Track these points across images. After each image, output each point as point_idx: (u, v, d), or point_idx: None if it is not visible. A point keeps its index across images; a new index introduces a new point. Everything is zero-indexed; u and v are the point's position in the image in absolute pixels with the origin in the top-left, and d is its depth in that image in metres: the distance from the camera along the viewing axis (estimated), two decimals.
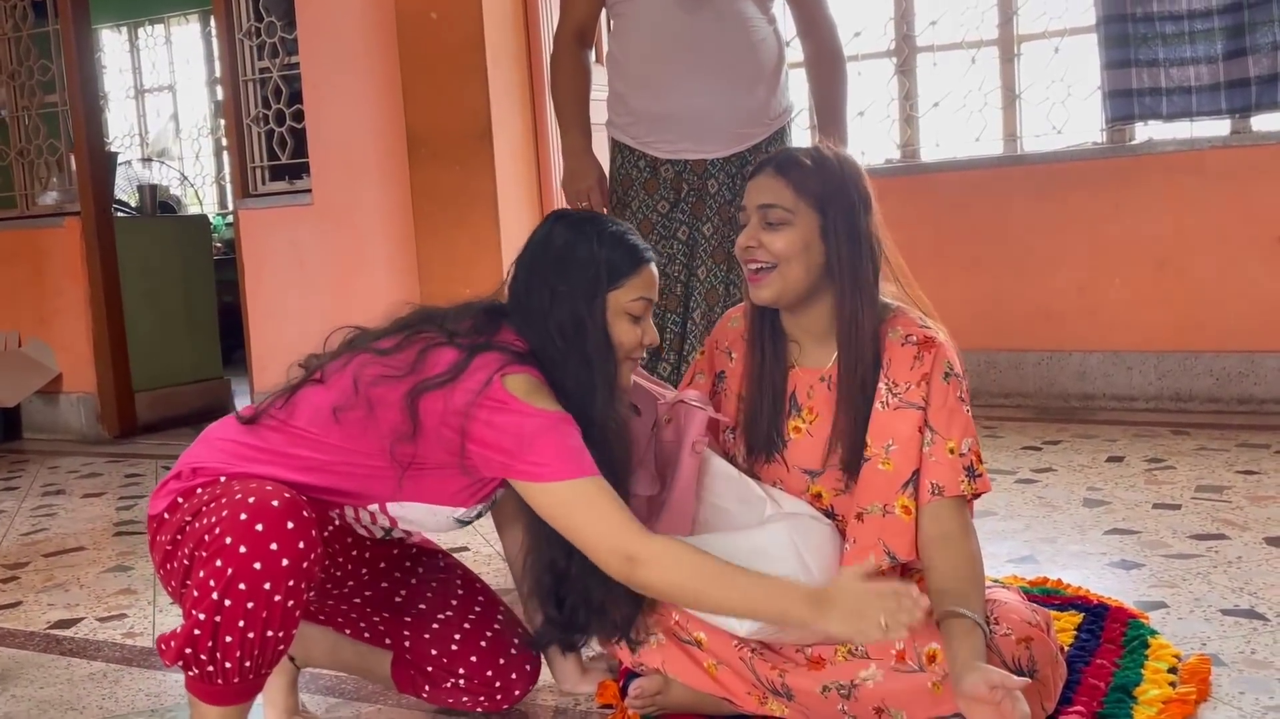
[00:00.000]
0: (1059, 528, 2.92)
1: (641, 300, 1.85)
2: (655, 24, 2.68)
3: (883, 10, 4.89)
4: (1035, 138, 4.70)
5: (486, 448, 1.71)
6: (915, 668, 1.72)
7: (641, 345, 1.87)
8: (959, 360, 1.92)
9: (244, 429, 1.81)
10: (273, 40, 4.88)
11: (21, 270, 5.50)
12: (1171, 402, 4.34)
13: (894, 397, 1.88)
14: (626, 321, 1.84)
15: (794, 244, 1.86)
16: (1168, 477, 3.34)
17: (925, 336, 1.90)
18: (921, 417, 1.87)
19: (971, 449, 1.86)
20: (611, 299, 1.82)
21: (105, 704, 2.20)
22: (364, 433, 1.75)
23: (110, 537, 3.54)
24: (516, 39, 4.20)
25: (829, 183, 1.89)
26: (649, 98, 2.70)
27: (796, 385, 1.98)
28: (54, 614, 2.80)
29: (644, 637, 1.89)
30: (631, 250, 1.85)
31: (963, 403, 1.87)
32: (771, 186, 1.90)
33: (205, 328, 5.88)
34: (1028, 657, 1.68)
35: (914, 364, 1.88)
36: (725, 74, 2.67)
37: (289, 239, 4.78)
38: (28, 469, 4.76)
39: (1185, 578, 2.48)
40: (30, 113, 5.63)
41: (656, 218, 2.73)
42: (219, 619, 1.59)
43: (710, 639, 1.85)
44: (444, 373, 1.74)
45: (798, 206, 1.87)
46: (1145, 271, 4.37)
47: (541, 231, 1.91)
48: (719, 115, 2.67)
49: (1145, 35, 4.23)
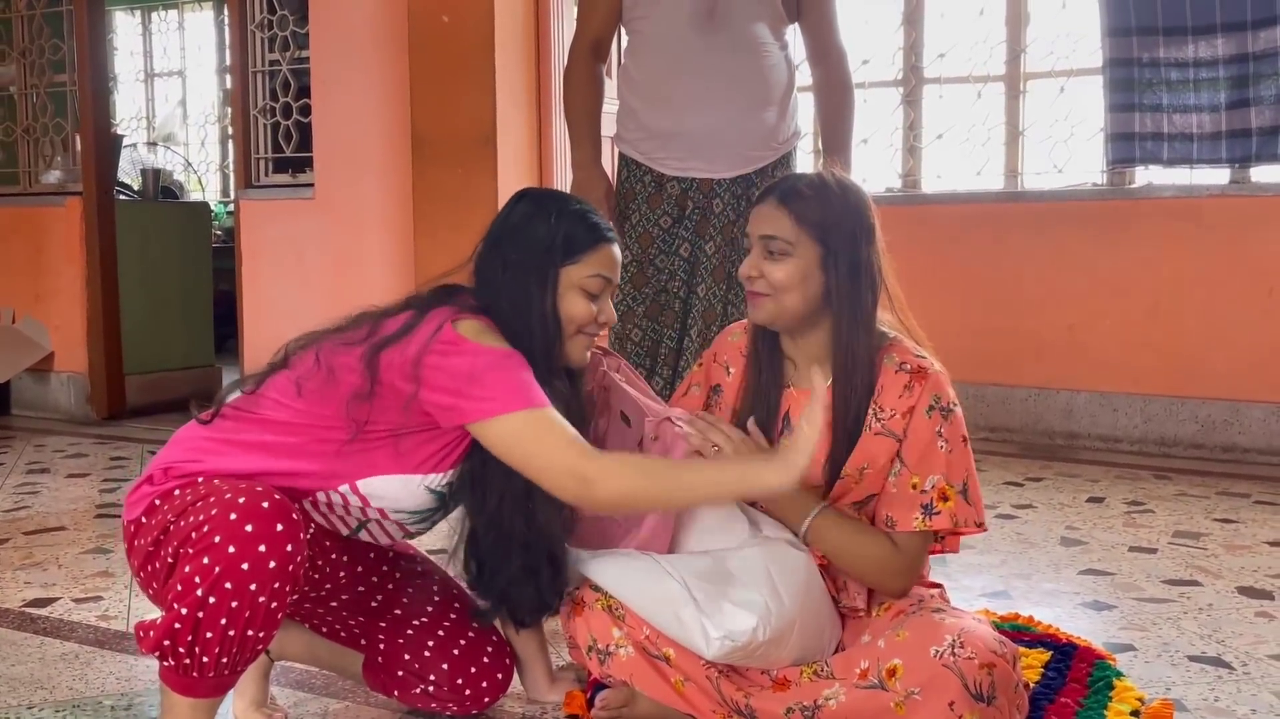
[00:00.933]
0: (1034, 565, 2.93)
1: (598, 278, 1.86)
2: (670, 43, 2.70)
3: (892, 41, 4.92)
4: (1036, 175, 4.74)
5: (438, 391, 1.72)
6: (876, 683, 1.73)
7: (596, 322, 1.88)
8: (951, 393, 1.93)
9: (209, 427, 1.83)
10: (284, 33, 4.90)
11: (20, 247, 5.50)
12: (1155, 445, 4.36)
13: (878, 422, 1.91)
14: (580, 296, 1.85)
15: (792, 276, 1.89)
16: (1146, 520, 3.36)
17: (919, 367, 1.92)
18: (896, 447, 1.89)
19: (936, 487, 1.87)
20: (565, 273, 1.84)
21: (75, 685, 2.21)
22: (325, 400, 1.78)
23: (92, 518, 3.54)
24: (526, 46, 4.22)
25: (830, 213, 1.91)
26: (660, 115, 2.72)
27: (791, 406, 2.00)
28: (30, 593, 2.80)
29: (569, 606, 1.93)
30: (591, 228, 1.88)
31: (939, 438, 1.89)
32: (773, 217, 1.92)
33: (200, 314, 5.88)
34: (989, 683, 1.69)
35: (903, 393, 1.90)
36: (736, 96, 2.70)
37: (288, 232, 4.80)
38: (14, 446, 4.76)
39: (1155, 622, 2.50)
40: (38, 91, 5.65)
41: (658, 232, 2.75)
42: (201, 615, 1.60)
43: (678, 656, 1.85)
44: (399, 329, 1.77)
45: (798, 238, 1.90)
46: (1137, 315, 4.40)
47: (506, 207, 1.93)
48: (728, 136, 2.69)
49: (1150, 80, 4.26)
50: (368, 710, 2.07)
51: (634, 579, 1.86)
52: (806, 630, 1.84)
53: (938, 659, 1.70)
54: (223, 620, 1.60)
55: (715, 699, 1.85)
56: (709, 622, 1.77)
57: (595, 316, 1.88)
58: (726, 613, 1.77)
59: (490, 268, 1.87)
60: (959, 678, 1.68)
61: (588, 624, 1.91)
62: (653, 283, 2.76)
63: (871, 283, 1.93)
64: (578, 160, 2.81)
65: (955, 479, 1.89)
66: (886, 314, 1.99)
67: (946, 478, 1.88)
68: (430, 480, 1.84)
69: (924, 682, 1.69)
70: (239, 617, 1.61)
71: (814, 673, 1.81)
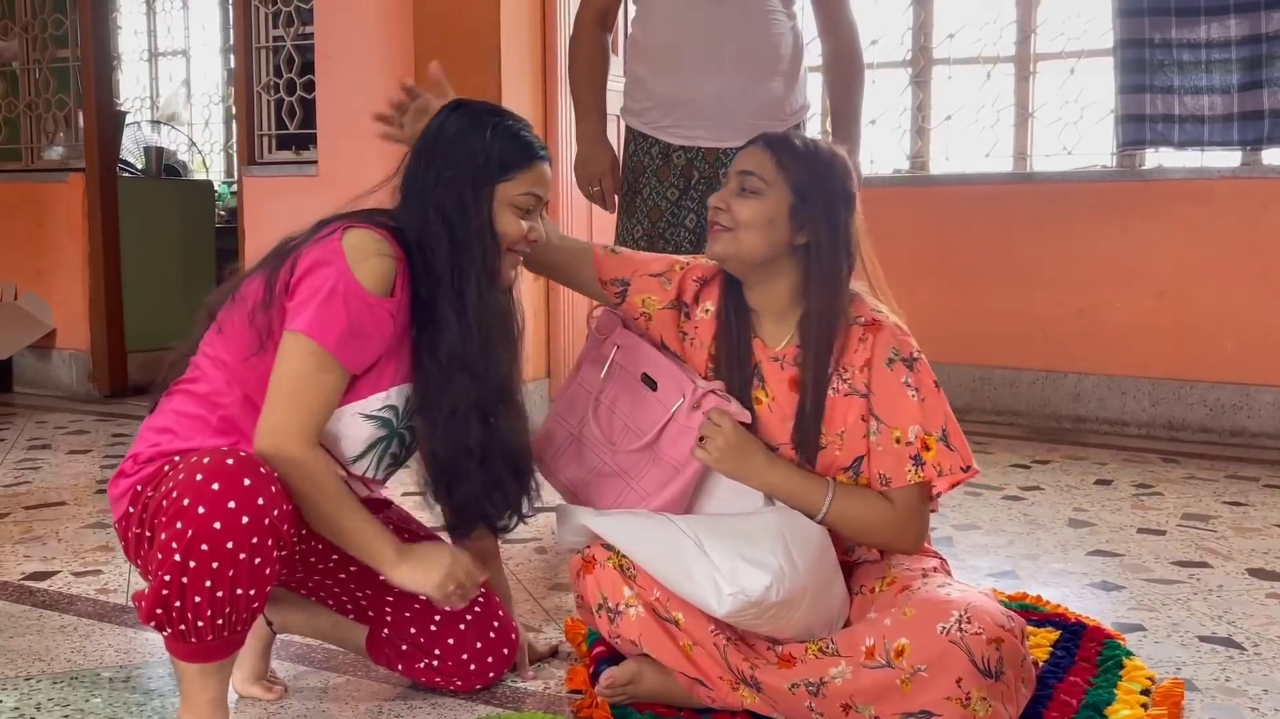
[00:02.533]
0: (1042, 546, 2.91)
1: (530, 195, 1.87)
2: (678, 10, 2.68)
3: (901, 21, 4.88)
4: (1045, 157, 4.70)
5: (295, 295, 1.73)
6: (883, 663, 1.70)
7: (526, 239, 1.88)
8: (911, 344, 1.92)
9: (164, 410, 1.82)
10: (288, 9, 4.86)
11: (23, 224, 5.48)
12: (1164, 429, 4.33)
13: (843, 383, 1.91)
14: (512, 214, 1.86)
15: (758, 215, 1.89)
16: (1155, 503, 3.34)
17: (871, 319, 1.92)
18: (865, 405, 1.89)
19: (919, 437, 1.87)
20: (500, 190, 1.84)
21: (74, 658, 2.19)
22: (242, 331, 1.77)
23: (92, 494, 3.52)
24: (532, 22, 4.19)
25: (813, 170, 1.91)
26: (668, 81, 2.69)
27: (760, 359, 1.99)
28: (30, 566, 2.78)
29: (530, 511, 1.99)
30: (525, 146, 1.87)
31: (908, 388, 1.87)
32: (756, 156, 1.93)
33: (202, 293, 5.68)
34: (996, 658, 1.66)
35: (859, 347, 1.90)
36: (745, 63, 2.67)
37: (291, 208, 4.74)
38: (15, 422, 4.74)
39: (1165, 603, 2.47)
40: (41, 66, 5.61)
41: (666, 204, 2.72)
42: (185, 580, 1.58)
43: (688, 620, 1.83)
44: (298, 240, 1.80)
45: (775, 181, 1.90)
46: (1146, 298, 4.36)
47: (436, 120, 1.91)
48: (735, 104, 2.66)
49: (1162, 62, 4.22)
50: (368, 684, 2.05)
51: (647, 536, 1.85)
52: (818, 600, 1.82)
53: (944, 636, 1.67)
54: (207, 582, 1.58)
55: (722, 666, 1.82)
56: (721, 577, 1.75)
57: (526, 234, 1.88)
58: (740, 570, 1.75)
59: (420, 181, 1.86)
60: (966, 654, 1.65)
61: (598, 582, 1.89)
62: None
63: (848, 249, 1.92)
64: (582, 132, 2.78)
65: (933, 426, 1.88)
66: (861, 285, 1.98)
67: (924, 426, 1.87)
68: (363, 407, 1.81)
69: (931, 659, 1.66)
70: (223, 576, 1.59)
71: (819, 650, 1.78)
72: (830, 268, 1.91)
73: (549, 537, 2.96)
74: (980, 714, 1.65)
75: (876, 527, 1.92)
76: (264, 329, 1.75)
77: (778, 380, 1.97)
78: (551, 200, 4.21)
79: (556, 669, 2.11)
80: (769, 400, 1.98)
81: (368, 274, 1.73)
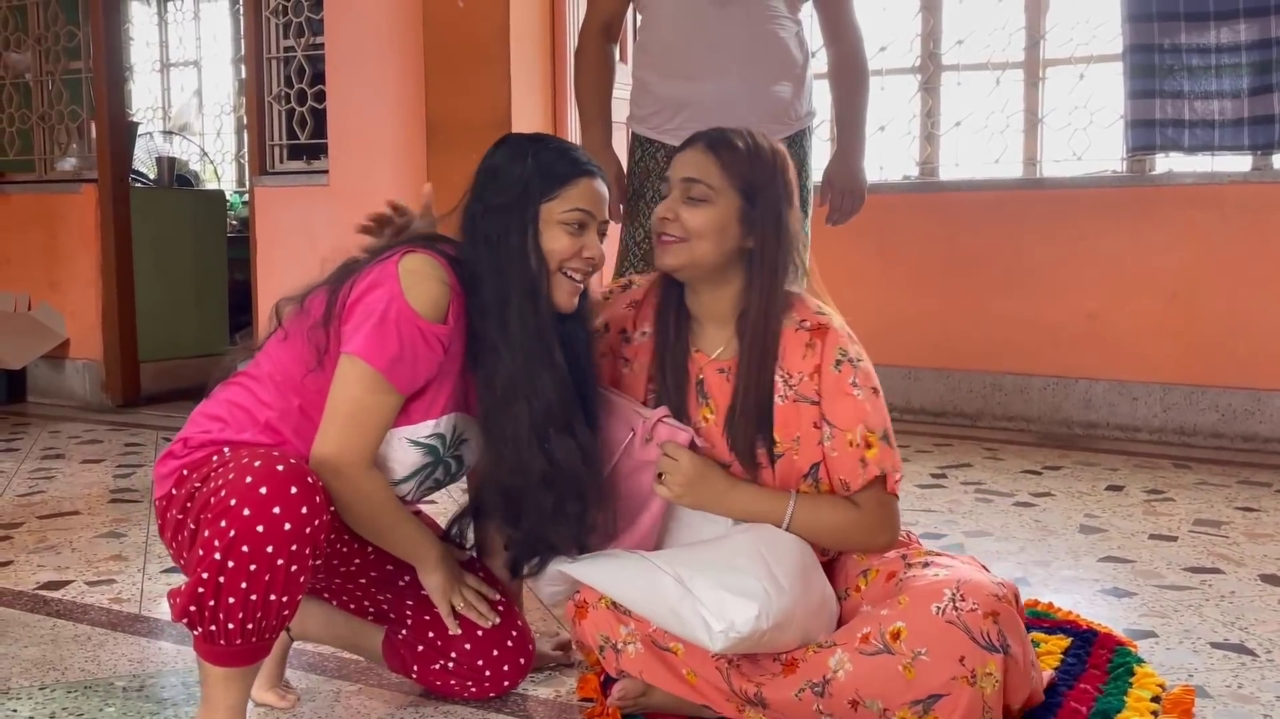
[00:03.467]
0: (1054, 552, 2.91)
1: (577, 211, 1.84)
2: (684, 15, 2.69)
3: (910, 27, 4.89)
4: (1055, 163, 4.70)
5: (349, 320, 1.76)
6: (881, 648, 1.69)
7: (580, 258, 1.86)
8: (857, 346, 1.91)
9: (219, 398, 1.85)
10: (299, 19, 4.89)
11: (36, 234, 5.51)
12: (1175, 435, 4.33)
13: (790, 389, 1.90)
14: (560, 231, 1.84)
15: (709, 223, 1.88)
16: (1166, 508, 3.33)
17: (818, 323, 1.91)
18: (817, 411, 1.89)
19: (863, 437, 1.86)
20: (544, 210, 1.83)
21: (87, 667, 2.20)
22: (302, 345, 1.80)
23: (105, 503, 3.54)
24: (541, 32, 4.20)
25: (760, 170, 1.90)
26: (673, 85, 2.71)
27: (703, 372, 1.98)
28: (44, 575, 2.80)
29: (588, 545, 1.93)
30: (571, 162, 1.87)
31: (855, 388, 1.87)
32: (699, 162, 1.91)
33: (214, 302, 5.88)
34: (996, 631, 1.65)
35: (806, 353, 1.89)
36: (750, 66, 2.68)
37: (303, 218, 4.78)
38: (29, 432, 4.77)
39: (1176, 609, 2.47)
40: (54, 78, 5.64)
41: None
42: (222, 580, 1.60)
43: (686, 650, 1.82)
44: (364, 260, 1.82)
45: (722, 186, 1.89)
46: (1156, 303, 4.36)
47: (487, 153, 1.93)
48: (740, 107, 2.67)
49: (1171, 66, 4.22)
50: (380, 693, 2.06)
51: (626, 577, 1.83)
52: (809, 610, 1.81)
53: (940, 616, 1.66)
54: (242, 584, 1.60)
55: (726, 692, 1.82)
56: (710, 614, 1.71)
57: (578, 251, 1.85)
58: (727, 603, 1.71)
59: (472, 213, 1.87)
60: (964, 631, 1.65)
61: (595, 624, 1.88)
62: None
63: (793, 247, 1.91)
64: (588, 143, 2.79)
65: (875, 425, 1.87)
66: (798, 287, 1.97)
67: (867, 425, 1.87)
68: (413, 433, 1.83)
69: (929, 641, 1.66)
70: (259, 580, 1.60)
71: (817, 646, 1.78)
72: (773, 268, 1.89)
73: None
74: (989, 690, 1.64)
75: (847, 531, 1.91)
76: (321, 347, 1.78)
77: (722, 394, 1.96)
78: None
79: (567, 678, 2.11)
80: (714, 418, 1.97)
81: (420, 298, 1.74)
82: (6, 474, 3.94)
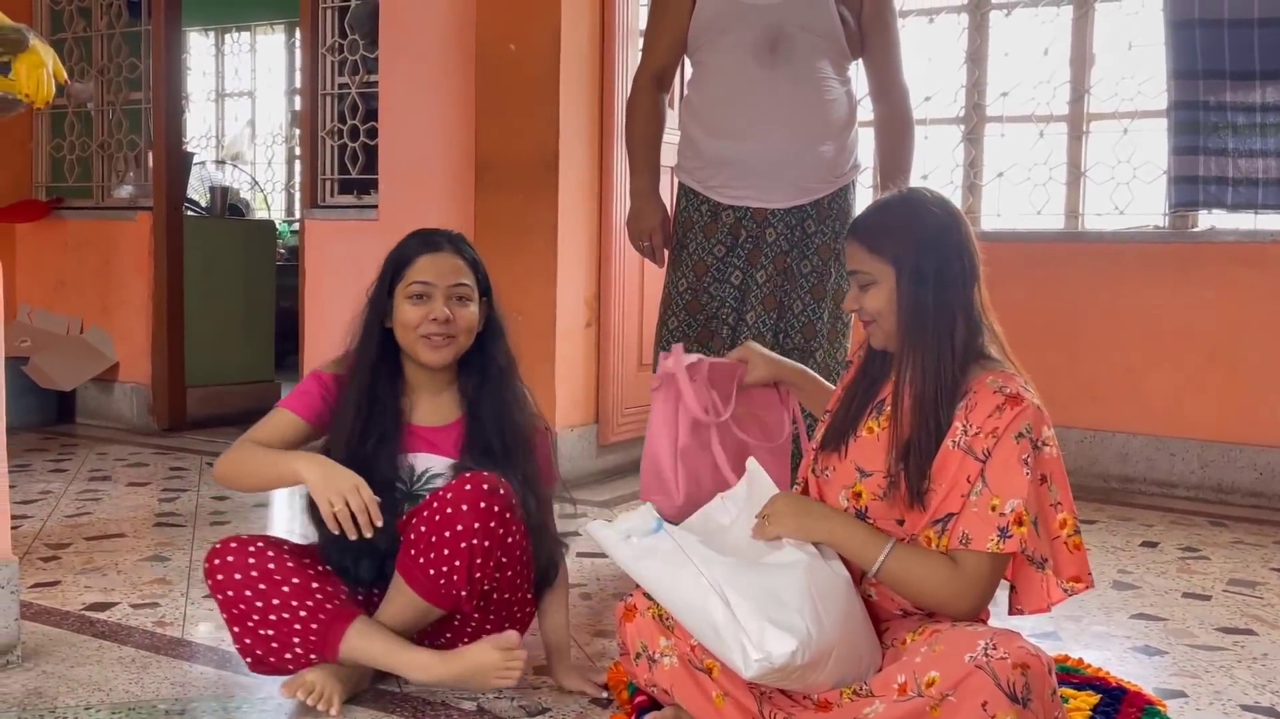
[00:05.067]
0: (1085, 607, 2.91)
1: (417, 284, 2.20)
2: (732, 74, 2.74)
3: (955, 78, 4.93)
4: (1097, 216, 4.71)
5: None
6: (914, 695, 1.73)
7: (428, 321, 2.19)
8: (1047, 432, 1.91)
9: None
10: (354, 58, 5.00)
11: (91, 259, 5.63)
12: (1212, 492, 4.31)
13: (965, 437, 1.90)
14: (409, 305, 2.20)
15: (881, 302, 1.98)
16: (1201, 567, 3.32)
17: (1015, 394, 1.91)
18: (979, 468, 1.88)
19: (1015, 511, 1.85)
20: (397, 292, 2.22)
21: (131, 689, 2.26)
22: None
23: (150, 526, 3.61)
24: (591, 76, 4.28)
25: (897, 233, 1.98)
26: (720, 144, 2.76)
27: (887, 394, 2.03)
28: (90, 596, 2.86)
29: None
30: (403, 247, 2.25)
31: (1025, 465, 1.87)
32: (853, 253, 2.03)
33: (261, 330, 5.98)
34: (1022, 683, 1.67)
35: (994, 413, 1.89)
36: (796, 128, 2.73)
37: (351, 252, 4.87)
38: (77, 453, 4.86)
39: (1208, 670, 2.47)
40: (115, 108, 5.78)
41: (712, 260, 2.78)
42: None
43: (721, 672, 1.88)
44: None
45: (876, 267, 1.98)
46: (1196, 359, 4.35)
47: None
48: (785, 167, 2.72)
49: (1216, 124, 4.24)
50: None
51: (678, 587, 1.87)
52: (844, 655, 1.84)
53: (971, 663, 1.70)
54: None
55: (755, 716, 1.86)
56: (748, 640, 1.77)
57: (425, 316, 2.19)
58: (767, 634, 1.76)
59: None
60: (991, 677, 1.67)
61: (638, 630, 1.96)
62: (705, 309, 2.79)
63: (937, 287, 1.94)
64: (636, 189, 2.86)
65: (1033, 510, 1.87)
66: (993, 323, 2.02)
67: (1025, 504, 1.85)
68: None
69: (957, 683, 1.69)
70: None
71: (854, 693, 1.82)
72: (918, 305, 1.94)
73: (593, 583, 3.01)
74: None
75: (936, 586, 1.90)
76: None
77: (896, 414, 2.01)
78: (606, 250, 4.30)
79: (598, 717, 2.14)
80: (879, 430, 2.02)
81: (297, 404, 2.27)
82: (55, 495, 4.03)
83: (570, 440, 4.22)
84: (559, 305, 4.17)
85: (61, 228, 5.75)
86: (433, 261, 2.21)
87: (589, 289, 4.33)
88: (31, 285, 5.77)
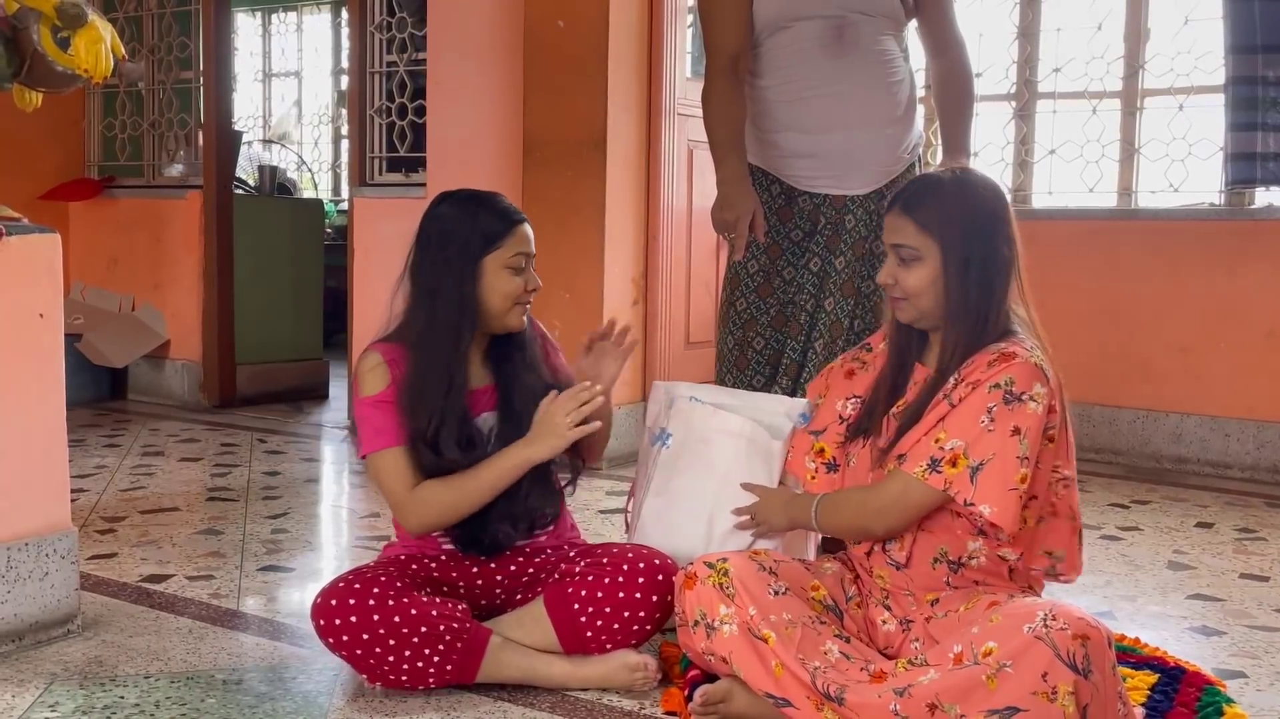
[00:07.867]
0: (1140, 587, 2.88)
1: (519, 255, 2.21)
2: (799, 67, 2.68)
3: (1006, 54, 4.87)
4: (1151, 194, 4.64)
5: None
6: (970, 664, 1.73)
7: (527, 290, 2.23)
8: (1036, 388, 1.91)
9: None
10: (402, 36, 5.01)
11: (143, 237, 5.69)
12: (1268, 473, 4.25)
13: (954, 390, 1.95)
14: (509, 275, 2.21)
15: (923, 280, 1.99)
16: (1258, 548, 3.28)
17: (1010, 352, 1.93)
18: (948, 411, 1.93)
19: (953, 451, 1.89)
20: (489, 260, 2.19)
21: (189, 659, 2.29)
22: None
23: (203, 501, 3.65)
24: (639, 53, 4.26)
25: (948, 212, 1.97)
26: (791, 138, 2.71)
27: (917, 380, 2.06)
28: (146, 569, 2.90)
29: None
30: (503, 215, 2.22)
31: (987, 413, 1.88)
32: (899, 226, 2.01)
33: (310, 308, 6.02)
34: (1082, 654, 1.67)
35: (983, 369, 1.93)
36: (868, 117, 2.69)
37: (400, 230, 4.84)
38: (130, 429, 4.93)
39: (1268, 650, 2.43)
40: (165, 87, 5.83)
41: (787, 244, 2.74)
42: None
43: (778, 642, 1.91)
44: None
45: (923, 243, 1.98)
46: (1253, 339, 4.29)
47: (428, 211, 2.29)
48: (859, 154, 2.68)
49: (1275, 100, 4.16)
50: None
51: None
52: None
53: (1030, 633, 1.70)
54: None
55: (808, 687, 1.87)
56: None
57: (524, 286, 2.22)
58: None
59: (417, 268, 2.24)
60: (1051, 648, 1.67)
61: (698, 597, 1.99)
62: (779, 294, 2.74)
63: (983, 274, 1.96)
64: (725, 175, 2.71)
65: (975, 454, 1.88)
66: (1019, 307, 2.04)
67: (967, 447, 1.88)
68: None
69: (1015, 653, 1.69)
70: None
71: (908, 663, 1.84)
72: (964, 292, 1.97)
73: None
74: (1069, 710, 1.65)
75: (854, 514, 2.06)
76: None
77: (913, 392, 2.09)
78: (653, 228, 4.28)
79: (652, 691, 2.15)
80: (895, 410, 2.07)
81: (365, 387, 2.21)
82: (110, 469, 4.08)
83: (617, 419, 4.17)
84: (606, 284, 4.17)
85: (113, 206, 5.81)
86: (526, 232, 2.24)
87: (636, 268, 4.32)
88: (84, 263, 5.84)
